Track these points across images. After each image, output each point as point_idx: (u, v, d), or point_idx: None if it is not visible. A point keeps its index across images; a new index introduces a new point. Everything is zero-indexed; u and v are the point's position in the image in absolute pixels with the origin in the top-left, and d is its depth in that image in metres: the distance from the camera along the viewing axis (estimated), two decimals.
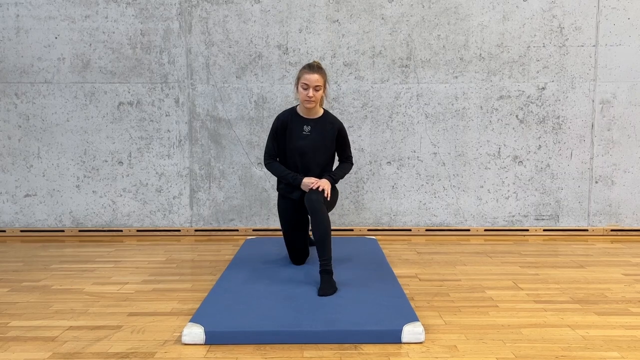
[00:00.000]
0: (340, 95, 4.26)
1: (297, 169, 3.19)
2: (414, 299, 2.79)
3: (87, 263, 3.56)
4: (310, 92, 3.02)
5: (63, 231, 4.37)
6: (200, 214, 4.36)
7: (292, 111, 3.23)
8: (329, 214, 4.13)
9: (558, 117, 4.27)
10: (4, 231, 4.37)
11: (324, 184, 3.04)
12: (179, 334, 2.35)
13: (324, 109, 3.24)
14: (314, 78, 3.01)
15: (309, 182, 3.06)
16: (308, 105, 3.08)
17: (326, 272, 2.80)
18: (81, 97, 4.27)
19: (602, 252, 3.84)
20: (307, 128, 3.17)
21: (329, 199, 3.03)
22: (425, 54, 4.23)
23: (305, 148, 3.16)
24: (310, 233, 3.42)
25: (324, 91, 3.11)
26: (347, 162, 3.34)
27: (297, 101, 3.19)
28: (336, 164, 3.41)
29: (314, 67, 3.04)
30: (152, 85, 4.25)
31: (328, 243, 2.85)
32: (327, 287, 2.74)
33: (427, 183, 4.33)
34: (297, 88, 3.09)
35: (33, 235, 4.36)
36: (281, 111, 3.97)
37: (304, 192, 3.11)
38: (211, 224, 4.38)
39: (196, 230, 4.37)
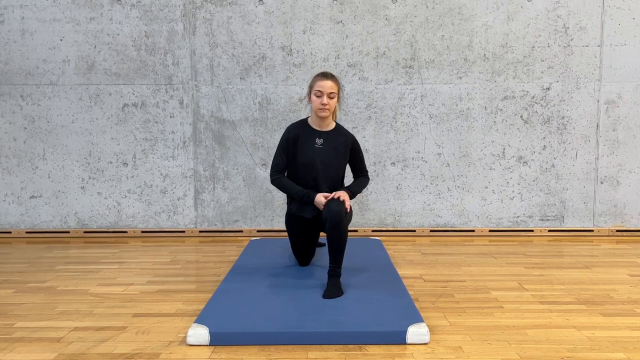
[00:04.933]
0: (344, 97, 4.25)
1: (306, 183, 3.02)
2: (419, 300, 2.79)
3: (92, 264, 3.57)
4: (325, 100, 2.90)
5: (68, 232, 4.38)
6: (204, 215, 4.37)
7: (303, 123, 3.10)
8: None
9: (563, 118, 4.25)
10: (10, 232, 4.39)
11: (344, 195, 2.84)
12: (183, 335, 2.35)
13: (336, 122, 3.13)
14: (328, 84, 2.90)
15: (324, 197, 2.88)
16: (322, 114, 2.95)
17: (334, 275, 2.79)
18: (86, 98, 4.28)
19: (608, 252, 3.83)
20: (319, 140, 3.03)
21: (348, 210, 2.84)
22: (429, 55, 4.22)
23: (317, 161, 3.01)
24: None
25: (337, 100, 3.00)
26: (363, 176, 3.16)
27: (309, 111, 3.12)
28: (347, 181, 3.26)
29: (327, 75, 2.94)
30: (156, 86, 4.26)
31: (342, 255, 2.78)
32: (333, 290, 2.72)
33: (431, 184, 4.32)
34: (310, 97, 2.97)
35: (38, 236, 4.38)
36: (289, 121, 3.97)
37: (317, 209, 2.93)
38: (215, 225, 4.38)
39: (200, 232, 4.38)
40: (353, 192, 3.01)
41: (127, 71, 4.25)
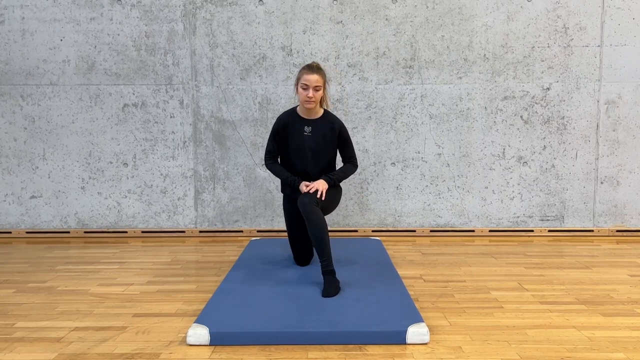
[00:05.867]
0: (344, 97, 4.26)
1: (298, 170, 3.19)
2: (419, 300, 2.79)
3: (93, 264, 3.57)
4: (310, 93, 3.02)
5: (68, 232, 4.38)
6: (204, 215, 4.37)
7: (292, 112, 3.23)
8: (332, 213, 4.14)
9: (563, 118, 4.25)
10: (10, 232, 4.39)
11: (318, 185, 3.02)
12: (183, 334, 2.35)
13: (324, 109, 3.23)
14: (313, 78, 3.01)
15: (305, 186, 3.06)
16: (308, 106, 3.08)
17: (328, 272, 2.80)
18: (86, 99, 4.28)
19: (608, 253, 3.83)
20: (307, 128, 3.17)
21: (323, 198, 2.99)
22: (429, 55, 4.22)
23: (306, 149, 3.16)
24: None
25: (324, 91, 3.11)
26: (349, 163, 3.29)
27: (298, 102, 3.19)
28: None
29: (313, 68, 3.05)
30: (156, 86, 4.27)
31: (326, 244, 2.83)
32: (330, 287, 2.74)
33: (431, 184, 4.32)
34: (297, 89, 3.09)
35: (38, 236, 4.38)
36: (282, 112, 3.98)
37: None
38: (216, 225, 4.38)
39: (201, 232, 4.38)
40: (333, 179, 3.13)
41: (128, 71, 4.26)
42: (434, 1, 4.18)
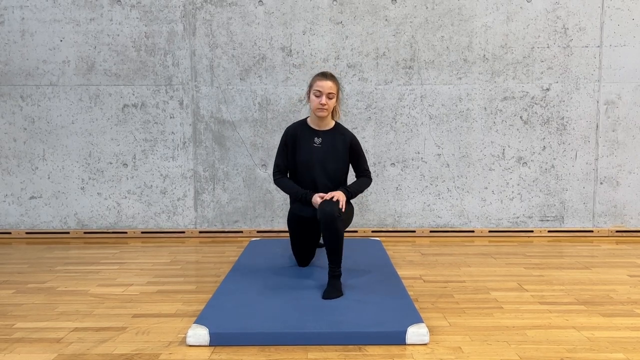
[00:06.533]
0: (343, 97, 4.26)
1: (307, 183, 3.03)
2: (418, 301, 2.79)
3: (92, 265, 3.57)
4: (323, 99, 2.90)
5: (68, 233, 4.38)
6: (204, 215, 4.37)
7: (302, 123, 3.11)
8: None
9: (562, 118, 4.26)
10: (10, 233, 4.39)
11: (339, 195, 2.83)
12: (183, 335, 2.35)
13: (335, 121, 3.12)
14: (327, 85, 2.90)
15: (320, 197, 2.87)
16: (320, 114, 2.96)
17: (334, 277, 2.78)
18: (86, 99, 4.28)
19: (607, 253, 3.83)
20: (317, 140, 3.04)
21: (343, 210, 2.81)
22: (429, 55, 4.22)
23: (316, 160, 3.01)
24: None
25: (337, 100, 3.00)
26: (364, 176, 3.13)
27: (308, 111, 3.12)
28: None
29: (327, 75, 2.94)
30: (156, 87, 4.27)
31: (339, 254, 2.77)
32: (332, 290, 2.72)
33: (431, 184, 4.33)
34: (309, 96, 2.97)
35: (38, 237, 4.38)
36: (289, 121, 3.98)
37: (316, 209, 2.88)
38: (215, 226, 4.38)
39: (200, 232, 4.38)
40: (350, 192, 2.98)
41: (127, 72, 4.26)
42: (434, 1, 4.18)
